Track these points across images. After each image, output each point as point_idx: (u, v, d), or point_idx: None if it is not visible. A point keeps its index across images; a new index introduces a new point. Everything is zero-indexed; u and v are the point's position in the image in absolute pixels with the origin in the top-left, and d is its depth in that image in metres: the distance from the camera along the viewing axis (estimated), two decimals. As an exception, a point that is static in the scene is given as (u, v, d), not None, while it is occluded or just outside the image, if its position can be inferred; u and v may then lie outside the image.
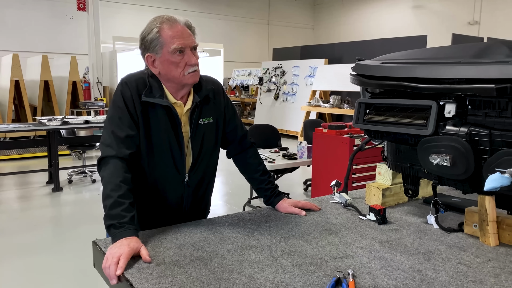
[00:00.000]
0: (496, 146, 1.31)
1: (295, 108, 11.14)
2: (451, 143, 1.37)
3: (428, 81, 1.42)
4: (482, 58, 1.42)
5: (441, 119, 1.44)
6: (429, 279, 1.17)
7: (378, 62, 1.69)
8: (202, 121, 1.64)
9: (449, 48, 1.68)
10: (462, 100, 1.41)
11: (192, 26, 1.57)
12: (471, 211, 1.50)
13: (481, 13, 13.22)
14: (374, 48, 9.21)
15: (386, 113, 1.61)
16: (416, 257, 1.31)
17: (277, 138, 5.35)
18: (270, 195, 1.76)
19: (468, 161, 1.34)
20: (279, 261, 1.26)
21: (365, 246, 1.39)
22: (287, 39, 17.48)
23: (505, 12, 12.36)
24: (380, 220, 1.61)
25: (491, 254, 1.34)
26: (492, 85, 1.25)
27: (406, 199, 1.90)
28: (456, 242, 1.44)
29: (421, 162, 1.47)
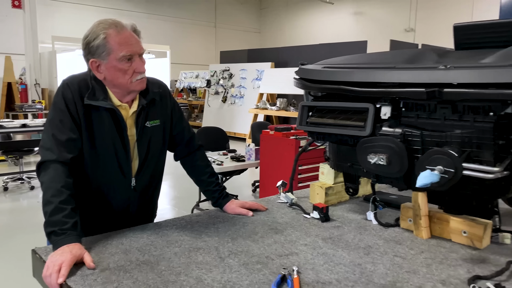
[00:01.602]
0: (427, 146, 1.42)
1: (243, 111, 11.22)
2: (387, 143, 1.46)
3: (365, 85, 1.51)
4: (414, 63, 1.53)
5: (378, 121, 1.53)
6: (368, 271, 1.24)
7: (320, 67, 1.76)
8: (149, 124, 1.62)
9: (385, 53, 1.79)
10: (396, 103, 1.51)
11: (138, 29, 1.55)
12: (406, 207, 1.61)
13: (416, 21, 14.04)
14: (318, 52, 9.50)
15: (327, 115, 1.69)
16: (356, 251, 1.38)
17: (225, 141, 5.36)
18: (218, 196, 1.78)
19: (402, 160, 1.43)
20: (227, 261, 1.28)
21: (309, 243, 1.45)
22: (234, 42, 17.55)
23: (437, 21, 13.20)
24: (323, 217, 1.68)
25: (424, 246, 1.45)
26: (423, 89, 1.35)
27: (348, 197, 1.98)
28: (393, 236, 1.53)
29: (360, 161, 1.55)
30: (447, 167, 1.32)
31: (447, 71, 1.34)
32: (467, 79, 1.29)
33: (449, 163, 1.31)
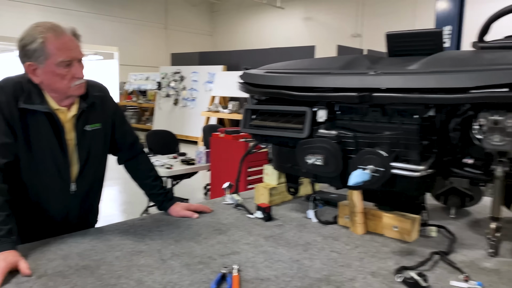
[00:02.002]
0: (360, 147, 1.51)
1: (195, 114, 11.15)
2: (323, 144, 1.54)
3: (303, 90, 1.58)
4: (348, 69, 1.62)
5: (316, 124, 1.61)
6: (305, 267, 1.30)
7: (262, 72, 1.82)
8: (89, 127, 1.60)
9: (323, 59, 1.88)
10: (332, 107, 1.59)
11: (78, 33, 1.53)
12: (343, 204, 1.69)
13: (363, 27, 14.59)
14: (269, 56, 9.63)
15: (269, 118, 1.74)
16: (295, 248, 1.44)
17: (175, 144, 5.32)
18: (162, 200, 1.78)
19: (337, 160, 1.52)
20: (168, 263, 1.30)
21: (251, 242, 1.49)
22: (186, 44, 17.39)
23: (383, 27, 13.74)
24: (267, 217, 1.73)
25: (358, 241, 1.53)
26: (355, 93, 1.44)
27: (291, 197, 2.05)
28: (331, 233, 1.61)
29: (299, 162, 1.62)
30: (377, 166, 1.41)
31: (377, 76, 1.44)
32: (394, 84, 1.39)
33: (379, 162, 1.41)
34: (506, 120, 1.24)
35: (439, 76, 1.32)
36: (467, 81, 1.26)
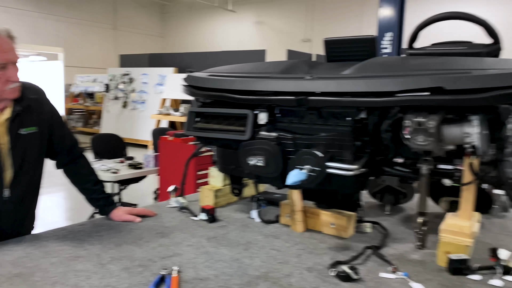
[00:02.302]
0: (299, 148, 1.57)
1: (145, 117, 10.93)
2: (264, 146, 1.58)
3: (244, 93, 1.62)
4: (287, 73, 1.67)
5: (257, 126, 1.65)
6: (245, 265, 1.33)
7: (206, 75, 1.84)
8: (24, 131, 1.55)
9: (265, 64, 1.93)
10: (273, 109, 1.65)
11: (13, 35, 1.48)
12: (284, 203, 1.75)
13: (312, 32, 14.97)
14: (221, 59, 9.66)
15: (213, 121, 1.77)
16: (237, 248, 1.48)
17: (123, 148, 5.20)
18: (103, 204, 1.75)
19: (277, 161, 1.57)
20: (107, 267, 1.28)
21: (193, 243, 1.51)
22: (136, 45, 17.02)
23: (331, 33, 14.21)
24: (211, 218, 1.75)
25: (298, 238, 1.59)
26: (293, 97, 1.50)
27: (236, 198, 2.09)
28: (272, 232, 1.66)
29: (242, 164, 1.65)
30: (314, 166, 1.47)
31: (312, 81, 1.50)
32: (328, 88, 1.46)
33: (315, 162, 1.47)
34: (428, 122, 1.34)
35: (369, 81, 1.41)
36: (393, 85, 1.35)
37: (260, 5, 15.90)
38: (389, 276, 1.27)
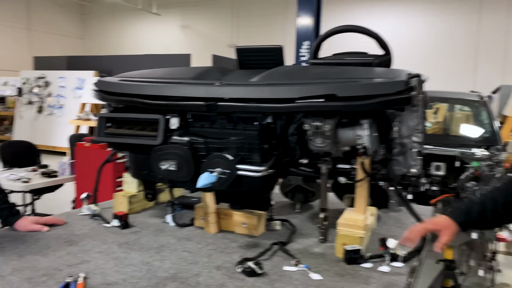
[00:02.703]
0: (211, 151, 1.62)
1: (62, 122, 10.33)
2: (176, 150, 1.62)
3: (155, 98, 1.64)
4: (199, 79, 1.72)
5: (170, 131, 1.68)
6: (155, 268, 1.36)
7: (117, 80, 1.83)
8: None
9: (178, 69, 1.96)
10: (185, 114, 1.69)
11: None
12: (199, 206, 1.79)
13: (238, 38, 15.18)
14: (144, 62, 9.45)
15: (125, 126, 1.76)
16: (148, 252, 1.49)
17: (36, 155, 4.90)
18: (6, 215, 1.67)
19: (189, 165, 1.61)
20: (7, 279, 1.24)
21: (103, 250, 1.50)
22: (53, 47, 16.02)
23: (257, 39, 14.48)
24: (123, 225, 1.74)
25: (211, 239, 1.64)
26: (203, 102, 1.55)
27: (152, 203, 2.09)
28: (186, 235, 1.69)
29: (154, 168, 1.67)
30: (224, 169, 1.54)
31: (221, 87, 1.57)
32: (235, 95, 1.53)
33: (225, 165, 1.54)
34: (324, 126, 1.47)
35: (272, 88, 1.51)
36: (293, 92, 1.46)
37: (186, 9, 15.80)
38: (292, 269, 1.37)
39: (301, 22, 5.65)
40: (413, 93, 1.40)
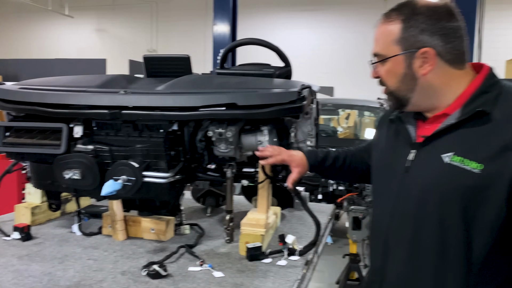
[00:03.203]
0: (117, 159, 1.64)
1: (-39, 131, 9.39)
2: (80, 159, 1.61)
3: (58, 107, 1.62)
4: (105, 87, 1.73)
5: (74, 139, 1.67)
6: (57, 277, 1.35)
7: (17, 87, 1.78)
8: None
9: (84, 77, 1.95)
10: (89, 123, 1.68)
11: None
12: (106, 215, 1.79)
13: (157, 43, 14.94)
14: (54, 67, 8.93)
15: (25, 135, 1.71)
16: (51, 262, 1.47)
17: None
18: None
19: (94, 173, 1.61)
20: None
21: (1, 264, 1.45)
22: None
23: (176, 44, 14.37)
24: (25, 237, 1.69)
25: (118, 246, 1.66)
26: (106, 110, 1.57)
27: (59, 214, 2.03)
28: (92, 243, 1.68)
29: (58, 178, 1.64)
30: (129, 176, 1.57)
31: (126, 95, 1.60)
32: (140, 103, 1.57)
33: (131, 173, 1.57)
34: (227, 132, 1.56)
35: (176, 97, 1.57)
36: (196, 101, 1.54)
37: (101, 12, 15.20)
38: (196, 269, 1.44)
39: (217, 30, 5.76)
40: (305, 102, 1.55)
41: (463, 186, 0.99)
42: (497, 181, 0.96)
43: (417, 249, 1.07)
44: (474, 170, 0.98)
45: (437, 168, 1.03)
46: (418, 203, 1.06)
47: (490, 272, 1.01)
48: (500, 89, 1.04)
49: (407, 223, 1.09)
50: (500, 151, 0.96)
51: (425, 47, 1.03)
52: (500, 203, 0.97)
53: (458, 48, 1.05)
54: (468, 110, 1.02)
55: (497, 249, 1.00)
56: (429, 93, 1.08)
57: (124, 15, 15.01)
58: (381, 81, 1.14)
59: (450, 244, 1.02)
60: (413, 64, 1.06)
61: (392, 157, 1.16)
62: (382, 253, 1.15)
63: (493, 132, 0.99)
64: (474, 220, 0.99)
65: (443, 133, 1.05)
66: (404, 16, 1.05)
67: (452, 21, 1.04)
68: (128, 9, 14.96)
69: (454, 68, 1.06)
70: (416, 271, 1.07)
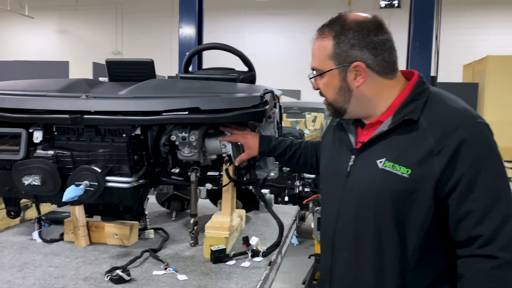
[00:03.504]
0: (79, 165, 1.62)
1: None
2: (40, 164, 1.58)
3: (16, 111, 1.59)
4: (66, 92, 1.71)
5: (33, 144, 1.64)
6: (16, 285, 1.33)
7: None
8: None
9: (44, 81, 1.91)
10: (50, 128, 1.66)
11: None
12: (68, 221, 1.77)
13: (123, 45, 14.68)
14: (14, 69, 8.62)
15: (-18, 141, 1.66)
16: (9, 271, 1.44)
17: None
18: None
19: (55, 179, 1.59)
20: None
21: (-45, 274, 1.40)
22: None
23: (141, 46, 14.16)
24: (-19, 246, 1.64)
25: (80, 253, 1.64)
26: (67, 115, 1.55)
27: (18, 221, 1.98)
28: (54, 250, 1.66)
29: (17, 184, 1.61)
30: (91, 181, 1.55)
31: (87, 100, 1.59)
32: (102, 108, 1.56)
33: (93, 178, 1.55)
34: (190, 136, 1.58)
35: (139, 101, 1.57)
36: (159, 105, 1.54)
37: (64, 13, 14.80)
38: (160, 273, 1.45)
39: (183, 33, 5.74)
40: (267, 106, 1.58)
41: (395, 190, 1.07)
42: (424, 184, 1.04)
43: (358, 250, 1.15)
44: (404, 174, 1.06)
45: (372, 173, 1.11)
46: (357, 206, 1.14)
47: (425, 268, 1.09)
48: (427, 96, 1.11)
49: (349, 225, 1.16)
50: (425, 156, 1.04)
51: (356, 61, 1.11)
52: (428, 204, 1.05)
53: (387, 59, 1.13)
54: (398, 118, 1.10)
55: (430, 247, 1.08)
56: (363, 103, 1.16)
57: (88, 16, 14.67)
58: (321, 92, 1.23)
59: (386, 244, 1.10)
60: (348, 77, 1.14)
61: (337, 162, 1.24)
62: (330, 253, 1.22)
63: (419, 138, 1.06)
64: (406, 221, 1.07)
65: (377, 140, 1.13)
66: (335, 32, 1.13)
67: (380, 34, 1.11)
68: (91, 10, 14.63)
69: (385, 78, 1.14)
70: (358, 270, 1.15)
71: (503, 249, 0.99)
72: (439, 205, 1.06)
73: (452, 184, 1.03)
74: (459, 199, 1.03)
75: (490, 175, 1.02)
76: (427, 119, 1.08)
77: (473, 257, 1.03)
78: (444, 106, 1.10)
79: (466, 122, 1.05)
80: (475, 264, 1.03)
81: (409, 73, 1.20)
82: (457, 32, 10.91)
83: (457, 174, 1.02)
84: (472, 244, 1.03)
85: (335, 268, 1.20)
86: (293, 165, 1.65)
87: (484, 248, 1.01)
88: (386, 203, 1.08)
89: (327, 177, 1.30)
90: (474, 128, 1.04)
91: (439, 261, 1.10)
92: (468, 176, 1.01)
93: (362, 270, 1.14)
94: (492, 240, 1.00)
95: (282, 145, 1.61)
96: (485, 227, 1.01)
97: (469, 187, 1.02)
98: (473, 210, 1.02)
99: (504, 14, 11.54)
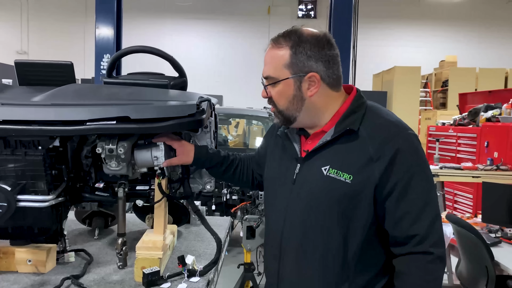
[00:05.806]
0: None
1: None
2: None
3: None
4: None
5: None
6: None
7: None
8: None
9: None
10: None
11: None
12: (-31, 248, 1.51)
13: (29, 44, 13.50)
14: None
15: None
16: None
17: None
18: None
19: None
20: None
21: None
22: None
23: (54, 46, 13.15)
24: None
25: (-15, 285, 1.40)
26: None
27: None
28: (-50, 284, 1.40)
29: None
30: (0, 202, 1.33)
31: (-6, 107, 1.37)
32: (12, 116, 1.35)
33: (1, 197, 1.34)
34: (118, 148, 1.43)
35: (59, 109, 1.39)
36: (82, 114, 1.37)
37: (-42, 5, 13.25)
38: (84, 303, 1.28)
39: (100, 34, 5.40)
40: (204, 116, 1.49)
41: (339, 194, 1.15)
42: (365, 188, 1.15)
43: (304, 253, 1.21)
44: (347, 180, 1.15)
45: (318, 179, 1.19)
46: (304, 211, 1.21)
47: (365, 265, 1.18)
48: (365, 109, 1.22)
49: (296, 230, 1.22)
50: (366, 163, 1.14)
51: (311, 71, 1.18)
52: (369, 207, 1.16)
53: (336, 73, 1.21)
54: (340, 128, 1.18)
55: (370, 246, 1.18)
56: (312, 112, 1.22)
57: (-12, 11, 13.29)
58: (270, 100, 1.26)
59: (331, 245, 1.17)
60: (302, 87, 1.19)
61: (282, 170, 1.29)
62: (277, 257, 1.27)
63: (360, 147, 1.16)
64: (350, 224, 1.16)
65: (321, 148, 1.21)
66: (293, 42, 1.18)
67: (332, 49, 1.20)
68: (-8, 5, 13.28)
69: (333, 90, 1.22)
70: (304, 271, 1.21)
71: (435, 245, 1.12)
72: (377, 208, 1.16)
73: (389, 188, 1.13)
74: (396, 202, 1.13)
75: (422, 180, 1.14)
76: (366, 129, 1.17)
77: (411, 254, 1.13)
78: (381, 118, 1.20)
79: (400, 133, 1.16)
80: (413, 260, 1.13)
81: (349, 88, 1.28)
82: (369, 43, 11.68)
83: (394, 179, 1.12)
84: (409, 242, 1.13)
85: (283, 271, 1.26)
86: (229, 177, 1.60)
87: (420, 245, 1.12)
88: (331, 208, 1.16)
89: (272, 184, 1.34)
90: (407, 138, 1.15)
91: (377, 260, 1.20)
92: (404, 181, 1.12)
93: (309, 271, 1.20)
94: (426, 238, 1.12)
95: (219, 155, 1.55)
96: (419, 227, 1.12)
97: (405, 190, 1.12)
98: (409, 211, 1.12)
99: (410, 29, 12.67)
